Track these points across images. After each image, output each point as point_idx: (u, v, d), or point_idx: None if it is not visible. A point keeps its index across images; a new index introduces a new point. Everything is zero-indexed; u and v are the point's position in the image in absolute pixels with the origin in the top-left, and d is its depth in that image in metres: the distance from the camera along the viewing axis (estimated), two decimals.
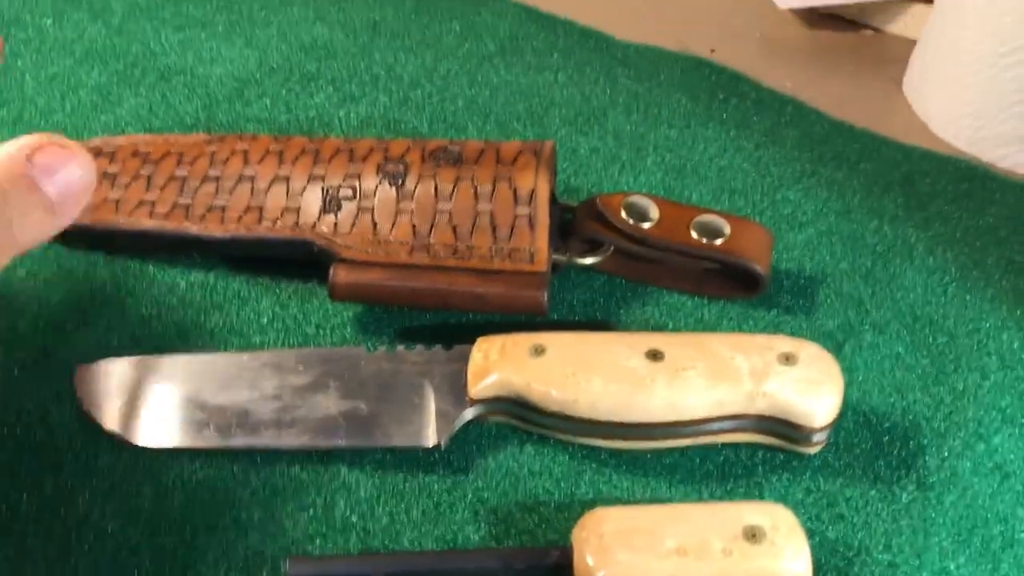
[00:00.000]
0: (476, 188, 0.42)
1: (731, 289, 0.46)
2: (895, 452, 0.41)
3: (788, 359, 0.39)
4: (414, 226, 0.42)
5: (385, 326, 0.45)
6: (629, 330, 0.45)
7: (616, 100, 0.60)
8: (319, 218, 0.43)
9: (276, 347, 0.44)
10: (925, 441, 0.42)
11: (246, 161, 0.45)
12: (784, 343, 0.40)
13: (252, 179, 0.44)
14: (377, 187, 0.43)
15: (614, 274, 0.47)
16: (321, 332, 0.45)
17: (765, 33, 0.72)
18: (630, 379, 0.38)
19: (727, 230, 0.45)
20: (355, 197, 0.43)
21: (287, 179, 0.44)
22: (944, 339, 0.46)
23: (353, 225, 0.42)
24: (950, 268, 0.50)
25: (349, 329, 0.45)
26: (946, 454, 0.41)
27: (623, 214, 0.44)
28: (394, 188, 0.43)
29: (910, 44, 0.69)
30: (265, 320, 0.45)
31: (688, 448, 0.40)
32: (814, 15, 0.74)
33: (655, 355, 0.39)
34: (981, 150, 0.58)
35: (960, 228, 0.52)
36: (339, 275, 0.42)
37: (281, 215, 0.43)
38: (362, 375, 0.40)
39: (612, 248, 0.45)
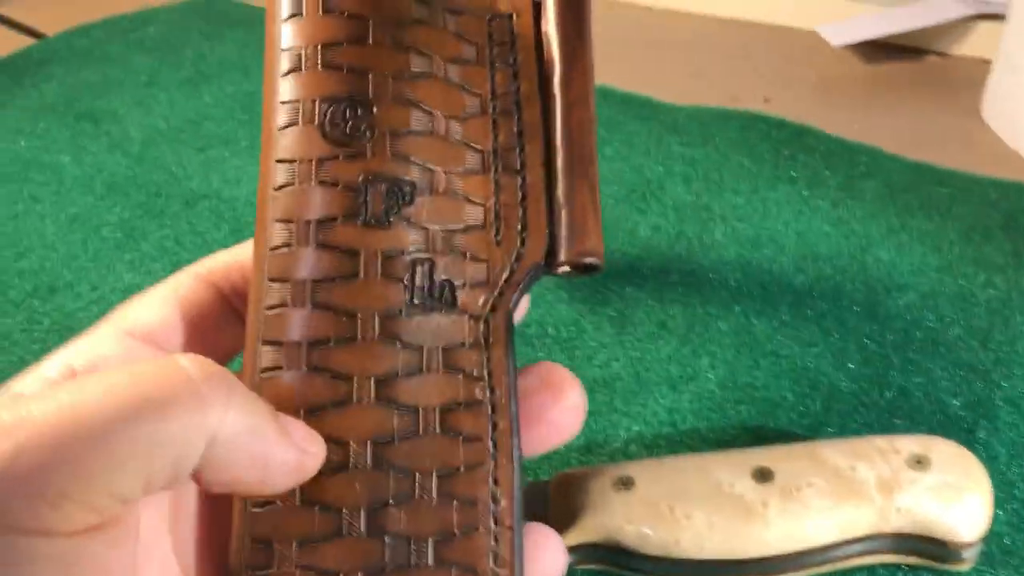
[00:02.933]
0: None
1: None
2: None
3: (919, 462, 0.33)
4: None
5: None
6: (722, 439, 0.40)
7: (672, 170, 0.55)
8: None
9: None
10: None
11: None
12: (910, 443, 0.34)
13: None
14: None
15: None
16: None
17: (822, 74, 0.67)
18: (738, 508, 0.33)
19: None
20: None
21: None
22: None
23: None
24: None
25: None
26: None
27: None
28: None
29: (983, 65, 0.64)
30: None
31: None
32: (871, 48, 0.69)
33: (763, 475, 0.34)
34: None
35: None
36: None
37: None
38: None
39: None
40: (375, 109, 0.25)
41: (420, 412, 0.23)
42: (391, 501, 0.23)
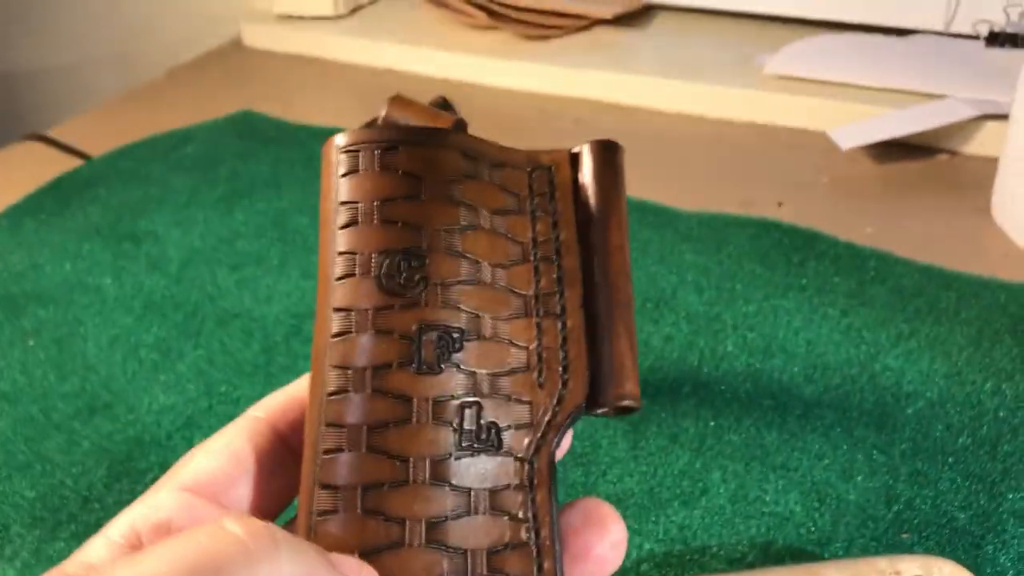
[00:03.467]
0: None
1: None
2: None
3: None
4: None
5: None
6: (732, 556, 0.41)
7: (685, 278, 0.57)
8: None
9: None
10: None
11: None
12: (912, 564, 0.35)
13: None
14: None
15: None
16: None
17: (834, 176, 0.69)
18: None
19: None
20: None
21: None
22: None
23: None
24: None
25: None
26: None
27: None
28: None
29: (992, 163, 0.65)
30: None
31: None
32: (883, 147, 0.70)
33: None
34: None
35: None
36: None
37: None
38: None
39: None
40: (427, 261, 0.26)
41: (468, 555, 0.24)
42: None
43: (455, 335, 0.26)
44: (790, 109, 0.75)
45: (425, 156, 0.27)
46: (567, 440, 0.27)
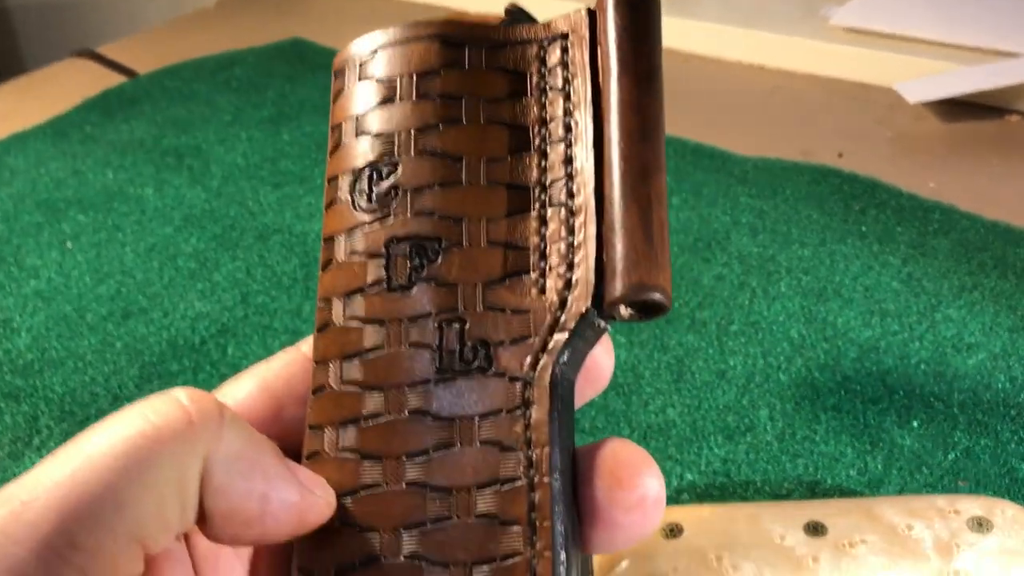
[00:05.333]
0: None
1: None
2: None
3: (981, 525, 0.32)
4: None
5: None
6: (777, 493, 0.39)
7: (739, 220, 0.55)
8: None
9: None
10: None
11: None
12: (972, 504, 0.33)
13: None
14: None
15: None
16: None
17: (898, 131, 0.66)
18: (788, 562, 0.32)
19: None
20: None
21: None
22: None
23: None
24: None
25: None
26: None
27: None
28: None
29: None
30: None
31: None
32: (950, 105, 0.67)
33: (816, 529, 0.33)
34: None
35: None
36: None
37: None
38: None
39: None
40: (399, 169, 0.23)
41: (453, 494, 0.21)
42: None
43: (429, 245, 0.23)
44: (855, 62, 0.72)
45: (399, 55, 0.24)
46: (607, 358, 0.23)
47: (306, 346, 0.24)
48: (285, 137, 0.66)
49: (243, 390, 0.23)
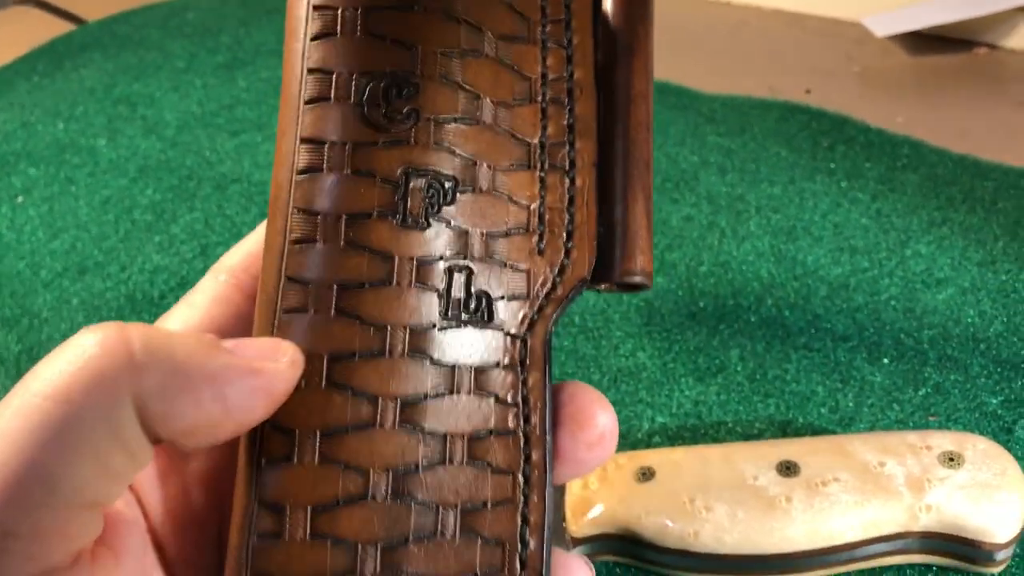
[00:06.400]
0: None
1: None
2: None
3: (952, 460, 0.32)
4: None
5: None
6: (749, 433, 0.39)
7: (707, 160, 0.54)
8: None
9: None
10: None
11: None
12: (944, 439, 0.33)
13: None
14: None
15: None
16: None
17: (866, 65, 0.65)
18: (760, 502, 0.32)
19: None
20: None
21: None
22: None
23: None
24: None
25: None
26: None
27: None
28: None
29: None
30: None
31: None
32: (917, 39, 0.67)
33: (788, 468, 0.33)
34: None
35: None
36: None
37: None
38: None
39: None
40: (420, 89, 0.21)
41: (447, 439, 0.21)
42: (410, 538, 0.20)
43: (447, 184, 0.21)
44: None
45: None
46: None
47: (223, 268, 0.23)
48: (241, 83, 0.64)
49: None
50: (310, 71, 0.21)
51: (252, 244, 0.24)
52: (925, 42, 0.67)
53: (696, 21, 0.72)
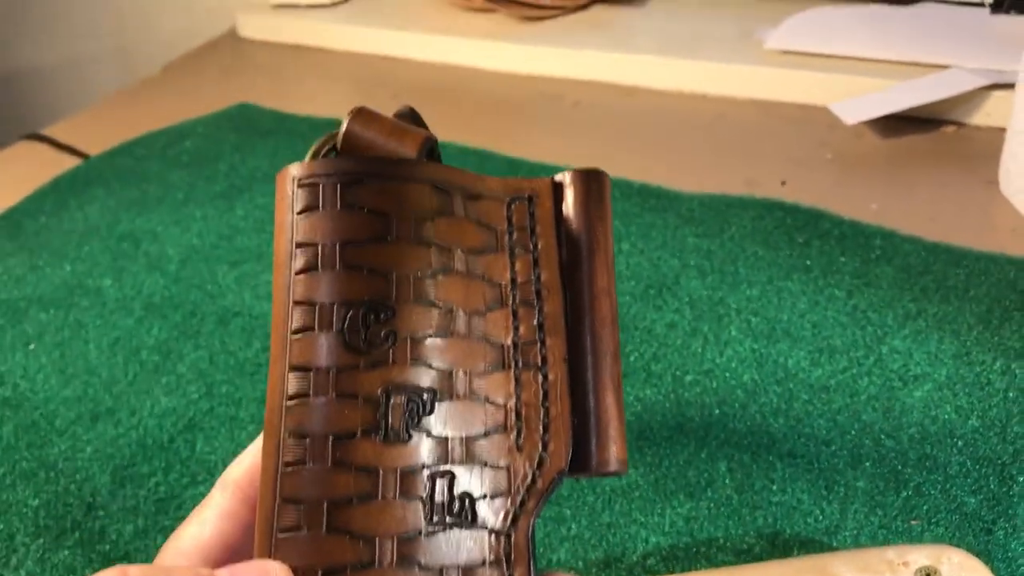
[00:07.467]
0: None
1: None
2: None
3: (929, 575, 0.34)
4: None
5: None
6: (739, 548, 0.40)
7: (687, 263, 0.56)
8: None
9: None
10: None
11: None
12: (920, 554, 0.34)
13: None
14: None
15: None
16: None
17: (838, 151, 0.68)
18: None
19: None
20: None
21: None
22: None
23: None
24: None
25: None
26: None
27: None
28: None
29: (1000, 133, 0.64)
30: None
31: None
32: (887, 121, 0.69)
33: None
34: None
35: None
36: None
37: None
38: None
39: None
40: (396, 313, 0.23)
41: None
42: None
43: (426, 396, 0.23)
44: (792, 84, 0.73)
45: (393, 191, 0.24)
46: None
47: (229, 480, 0.25)
48: (239, 212, 0.67)
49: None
50: (296, 303, 0.24)
51: (252, 456, 0.26)
52: (894, 123, 0.69)
53: (674, 116, 0.75)
